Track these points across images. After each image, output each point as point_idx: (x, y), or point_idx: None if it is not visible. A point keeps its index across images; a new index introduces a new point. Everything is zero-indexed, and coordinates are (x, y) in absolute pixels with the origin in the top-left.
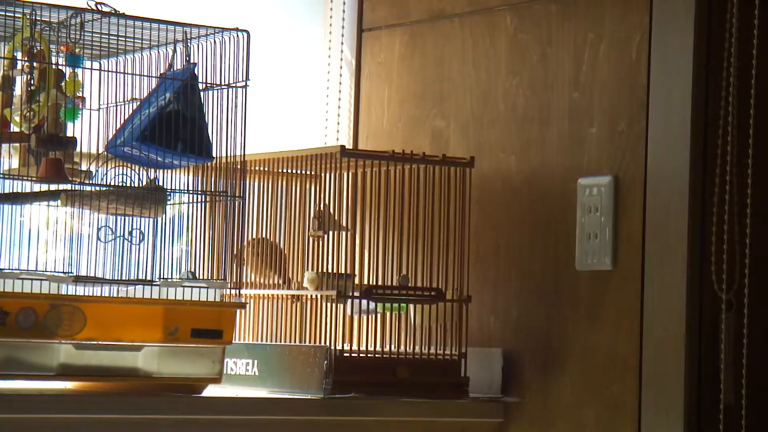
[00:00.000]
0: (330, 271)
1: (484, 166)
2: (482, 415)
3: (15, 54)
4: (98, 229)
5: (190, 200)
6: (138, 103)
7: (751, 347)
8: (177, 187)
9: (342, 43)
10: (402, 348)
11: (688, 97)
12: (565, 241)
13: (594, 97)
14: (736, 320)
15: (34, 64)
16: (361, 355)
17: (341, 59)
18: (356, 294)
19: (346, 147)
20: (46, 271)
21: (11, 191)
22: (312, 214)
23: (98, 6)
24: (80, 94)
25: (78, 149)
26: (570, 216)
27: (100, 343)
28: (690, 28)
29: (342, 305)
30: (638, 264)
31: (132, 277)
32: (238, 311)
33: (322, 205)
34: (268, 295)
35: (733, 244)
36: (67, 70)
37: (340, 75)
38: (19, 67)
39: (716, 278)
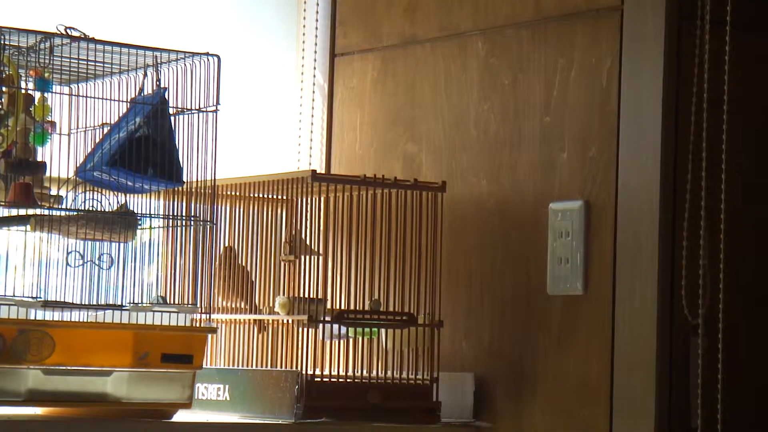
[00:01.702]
0: (301, 295)
1: (456, 190)
2: None
3: None
4: (67, 254)
5: (161, 225)
6: (108, 128)
7: (721, 371)
8: (147, 212)
9: (315, 68)
10: (374, 373)
11: (658, 122)
12: (537, 265)
13: (565, 122)
14: (706, 345)
15: (3, 88)
16: (332, 379)
17: (314, 84)
18: (328, 318)
19: (318, 171)
20: (14, 296)
21: None
22: (284, 239)
23: (68, 30)
24: (50, 119)
25: (48, 174)
26: (541, 240)
27: (68, 368)
28: (660, 54)
29: (313, 330)
30: (609, 289)
31: (101, 302)
32: (209, 336)
33: (294, 230)
34: (238, 320)
35: (704, 268)
36: (37, 95)
37: (313, 100)
38: None
39: (686, 303)
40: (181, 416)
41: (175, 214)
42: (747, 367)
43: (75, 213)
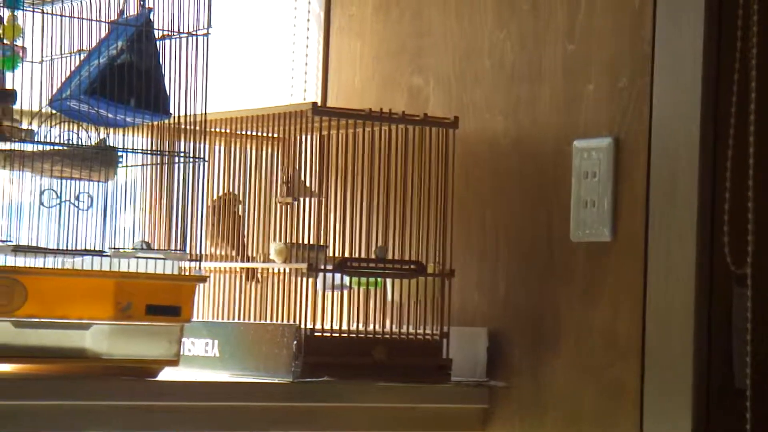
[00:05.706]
0: (299, 241)
1: (468, 127)
2: (466, 400)
3: None
4: (41, 193)
5: (146, 162)
6: (86, 54)
7: (766, 326)
8: (130, 147)
9: None
10: (378, 327)
11: (699, 48)
12: (559, 209)
13: (592, 51)
14: (750, 297)
15: None
16: (334, 334)
17: (308, 11)
18: (329, 267)
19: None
20: None
21: None
22: (280, 179)
23: None
24: (20, 43)
25: (18, 105)
26: (564, 182)
27: (42, 320)
28: None
29: (312, 280)
30: (641, 235)
31: (79, 248)
32: (199, 285)
33: (292, 170)
34: (229, 268)
35: (748, 213)
36: (5, 13)
37: (308, 29)
38: None
39: (729, 250)
40: (167, 374)
41: (161, 149)
42: None
43: (49, 148)
